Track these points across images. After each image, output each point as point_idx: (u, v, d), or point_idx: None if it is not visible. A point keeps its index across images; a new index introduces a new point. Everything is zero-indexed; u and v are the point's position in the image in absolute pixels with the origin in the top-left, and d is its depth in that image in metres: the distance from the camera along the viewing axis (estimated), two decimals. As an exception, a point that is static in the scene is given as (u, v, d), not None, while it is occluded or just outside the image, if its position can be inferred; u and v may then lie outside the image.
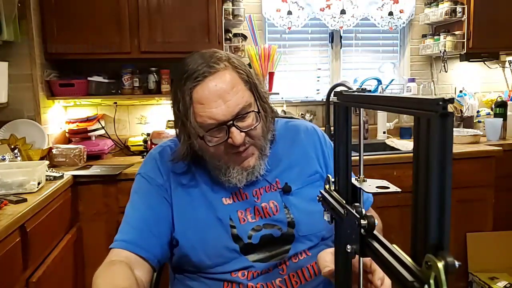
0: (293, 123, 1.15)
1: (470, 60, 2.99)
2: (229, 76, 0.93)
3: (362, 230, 0.54)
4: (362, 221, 0.54)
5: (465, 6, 2.81)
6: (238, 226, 0.98)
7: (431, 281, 0.39)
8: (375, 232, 0.53)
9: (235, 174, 0.97)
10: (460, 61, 3.04)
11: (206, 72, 0.91)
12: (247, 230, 0.98)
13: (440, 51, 2.89)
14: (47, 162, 1.94)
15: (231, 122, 0.91)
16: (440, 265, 0.38)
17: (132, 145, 2.68)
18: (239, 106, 0.92)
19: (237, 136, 0.91)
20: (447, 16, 2.84)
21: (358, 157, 0.64)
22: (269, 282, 0.95)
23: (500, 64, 3.25)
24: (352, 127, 0.67)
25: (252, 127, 0.94)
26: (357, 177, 0.61)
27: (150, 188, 1.03)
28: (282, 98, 2.92)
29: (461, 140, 2.69)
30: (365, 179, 0.61)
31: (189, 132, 0.94)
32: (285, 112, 2.86)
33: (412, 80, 3.07)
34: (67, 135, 2.60)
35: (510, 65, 3.24)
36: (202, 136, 0.92)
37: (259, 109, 0.96)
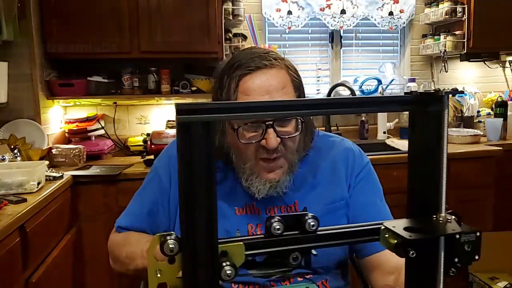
0: (332, 139, 1.07)
1: (470, 60, 2.99)
2: (282, 76, 0.88)
3: None
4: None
5: (465, 6, 2.81)
6: None
7: None
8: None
9: (257, 184, 0.91)
10: (460, 61, 3.04)
11: (261, 64, 0.87)
12: None
13: (440, 51, 2.89)
14: (46, 162, 1.94)
15: (271, 122, 0.85)
16: None
17: (132, 145, 2.68)
18: None
19: (273, 139, 0.85)
20: (447, 16, 2.84)
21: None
22: None
23: (500, 64, 3.24)
24: (352, 127, 0.67)
25: (291, 136, 0.89)
26: (435, 215, 0.49)
27: (156, 189, 1.03)
28: (282, 98, 2.91)
29: (461, 140, 2.69)
30: (451, 218, 0.48)
31: (225, 123, 0.89)
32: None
33: (412, 80, 3.07)
34: (66, 135, 2.60)
35: (510, 65, 3.24)
36: (237, 128, 0.87)
37: (303, 119, 0.90)
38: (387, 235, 0.48)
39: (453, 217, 0.49)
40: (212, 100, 0.97)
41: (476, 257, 0.48)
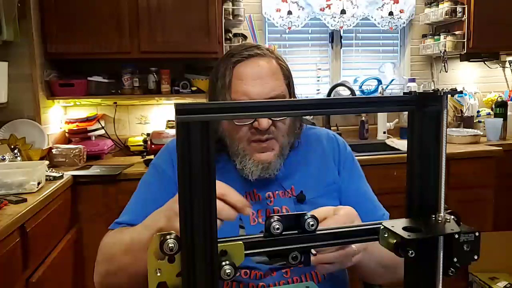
0: (315, 131, 1.15)
1: (470, 60, 2.99)
2: (272, 64, 0.97)
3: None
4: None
5: (465, 6, 2.81)
6: (247, 227, 0.96)
7: None
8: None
9: (250, 165, 0.96)
10: (460, 61, 3.04)
11: (253, 53, 0.96)
12: (257, 232, 0.96)
13: (440, 51, 2.89)
14: (47, 162, 1.94)
15: None
16: None
17: (132, 145, 2.68)
18: (274, 92, 0.94)
19: (264, 120, 0.92)
20: (447, 16, 2.84)
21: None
22: (271, 283, 0.95)
23: (500, 64, 3.24)
24: (352, 127, 0.67)
25: (281, 119, 0.95)
26: (434, 215, 0.50)
27: (159, 180, 1.02)
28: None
29: (461, 140, 2.69)
30: (450, 218, 0.49)
31: None
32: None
33: (412, 80, 3.07)
34: (67, 135, 2.60)
35: (510, 65, 3.24)
36: None
37: None
38: (386, 235, 0.48)
39: (452, 217, 0.49)
40: (208, 92, 1.03)
41: (475, 257, 0.48)
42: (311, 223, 0.52)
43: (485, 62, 3.16)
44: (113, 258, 0.85)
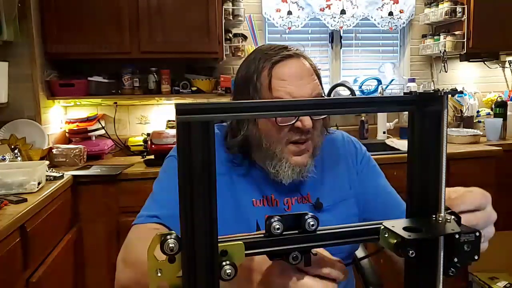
0: (330, 135, 1.11)
1: (470, 60, 2.99)
2: (308, 64, 0.97)
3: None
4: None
5: (465, 6, 2.81)
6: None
7: None
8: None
9: (286, 169, 0.94)
10: (460, 61, 3.04)
11: (291, 53, 0.95)
12: None
13: (440, 51, 2.89)
14: (47, 162, 1.94)
15: None
16: None
17: (132, 145, 2.68)
18: (315, 92, 0.94)
19: (307, 120, 0.91)
20: (447, 16, 2.84)
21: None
22: None
23: (500, 64, 3.24)
24: (352, 127, 0.67)
25: (319, 118, 0.95)
26: (434, 215, 0.50)
27: None
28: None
29: (461, 140, 2.69)
30: (451, 218, 0.49)
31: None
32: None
33: (412, 80, 3.07)
34: (67, 135, 2.60)
35: (510, 65, 3.24)
36: None
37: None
38: (386, 235, 0.48)
39: (453, 217, 0.49)
40: (236, 93, 1.00)
41: (476, 257, 0.48)
42: (311, 223, 0.52)
43: (485, 62, 3.16)
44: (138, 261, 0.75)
